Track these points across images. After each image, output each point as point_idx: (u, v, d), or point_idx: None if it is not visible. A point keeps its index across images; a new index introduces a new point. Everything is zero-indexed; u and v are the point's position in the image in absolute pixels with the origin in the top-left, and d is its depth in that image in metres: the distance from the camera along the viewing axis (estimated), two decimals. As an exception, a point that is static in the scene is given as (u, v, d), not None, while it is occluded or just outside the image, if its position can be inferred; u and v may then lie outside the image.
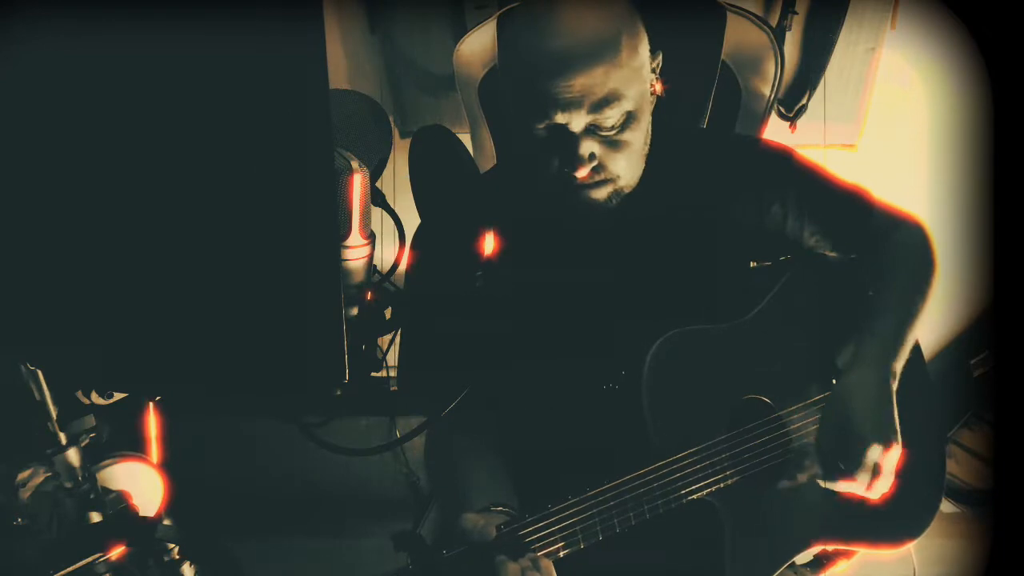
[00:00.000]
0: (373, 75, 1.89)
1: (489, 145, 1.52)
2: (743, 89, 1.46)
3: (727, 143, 1.28)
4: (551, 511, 0.99)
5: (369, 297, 1.01)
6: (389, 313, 1.14)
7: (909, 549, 1.20)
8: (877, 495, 1.08)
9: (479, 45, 1.45)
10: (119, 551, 0.95)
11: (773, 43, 1.42)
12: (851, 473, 1.05)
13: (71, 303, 0.78)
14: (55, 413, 0.93)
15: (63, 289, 0.77)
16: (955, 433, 2.12)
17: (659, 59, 1.09)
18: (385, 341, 1.30)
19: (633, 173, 1.09)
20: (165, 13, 0.63)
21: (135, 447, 1.15)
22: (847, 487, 1.07)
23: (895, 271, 1.19)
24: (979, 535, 1.44)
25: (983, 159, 1.80)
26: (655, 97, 1.10)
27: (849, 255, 1.22)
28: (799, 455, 1.15)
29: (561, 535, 0.99)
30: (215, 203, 0.70)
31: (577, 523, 1.00)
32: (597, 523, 1.01)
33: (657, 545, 1.07)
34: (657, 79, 1.09)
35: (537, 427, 1.18)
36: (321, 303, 0.74)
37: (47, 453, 0.94)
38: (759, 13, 1.56)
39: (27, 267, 0.77)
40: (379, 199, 1.15)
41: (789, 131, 1.85)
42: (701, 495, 1.07)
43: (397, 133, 1.90)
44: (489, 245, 1.11)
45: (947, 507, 2.08)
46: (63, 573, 0.92)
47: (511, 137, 1.36)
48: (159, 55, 0.64)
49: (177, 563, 1.04)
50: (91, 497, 0.97)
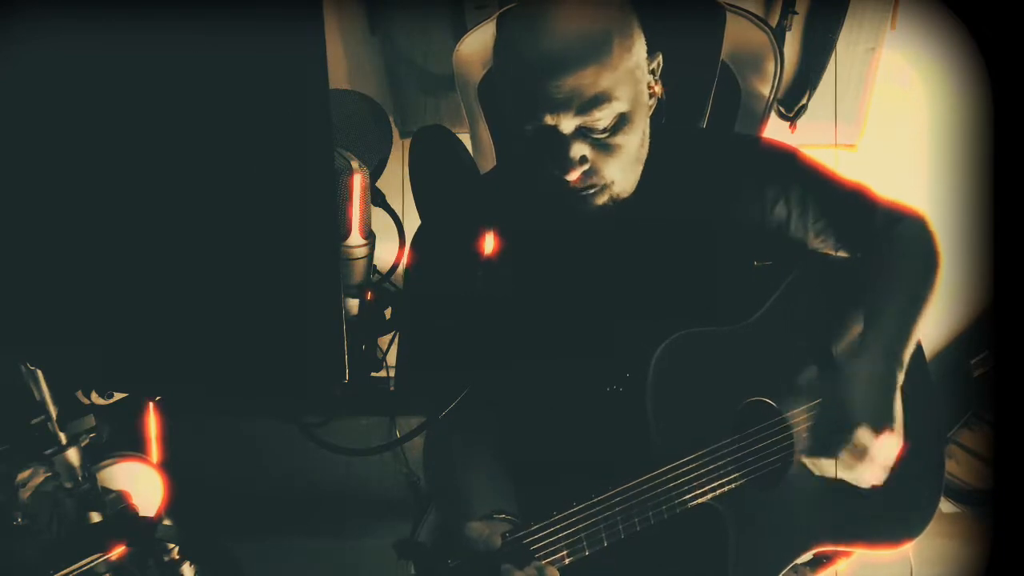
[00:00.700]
0: (373, 75, 1.89)
1: (489, 145, 1.52)
2: (743, 89, 1.46)
3: (728, 143, 1.28)
4: (556, 519, 0.98)
5: (369, 297, 1.01)
6: (389, 313, 1.14)
7: (907, 549, 1.20)
8: (863, 483, 1.07)
9: (479, 45, 1.45)
10: (119, 551, 0.96)
11: (773, 43, 1.42)
12: (835, 452, 1.04)
13: (71, 303, 0.78)
14: (55, 413, 0.93)
15: (63, 289, 0.77)
16: (955, 433, 2.12)
17: (658, 60, 1.08)
18: (385, 341, 1.30)
19: (628, 178, 1.07)
20: (165, 13, 0.63)
21: (135, 447, 1.15)
22: (830, 467, 1.06)
23: (900, 263, 1.18)
24: (979, 535, 1.43)
25: (983, 159, 1.80)
26: (655, 100, 1.09)
27: (854, 253, 1.22)
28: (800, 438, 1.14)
29: (566, 543, 0.98)
30: (215, 203, 0.70)
31: (582, 530, 0.99)
32: (602, 530, 1.00)
33: (660, 549, 1.07)
34: (656, 81, 1.08)
35: (539, 430, 1.18)
36: (321, 303, 0.74)
37: (47, 453, 0.94)
38: (759, 13, 1.56)
39: (27, 267, 0.77)
40: (379, 199, 1.15)
41: (789, 131, 1.85)
42: (705, 499, 1.07)
43: (397, 133, 1.90)
44: (489, 245, 1.11)
45: (947, 507, 2.08)
46: (63, 573, 0.92)
47: (506, 139, 1.36)
48: (159, 55, 0.64)
49: (177, 563, 1.04)
50: (91, 497, 0.97)
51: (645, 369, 1.08)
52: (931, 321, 1.15)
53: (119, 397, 1.02)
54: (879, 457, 1.04)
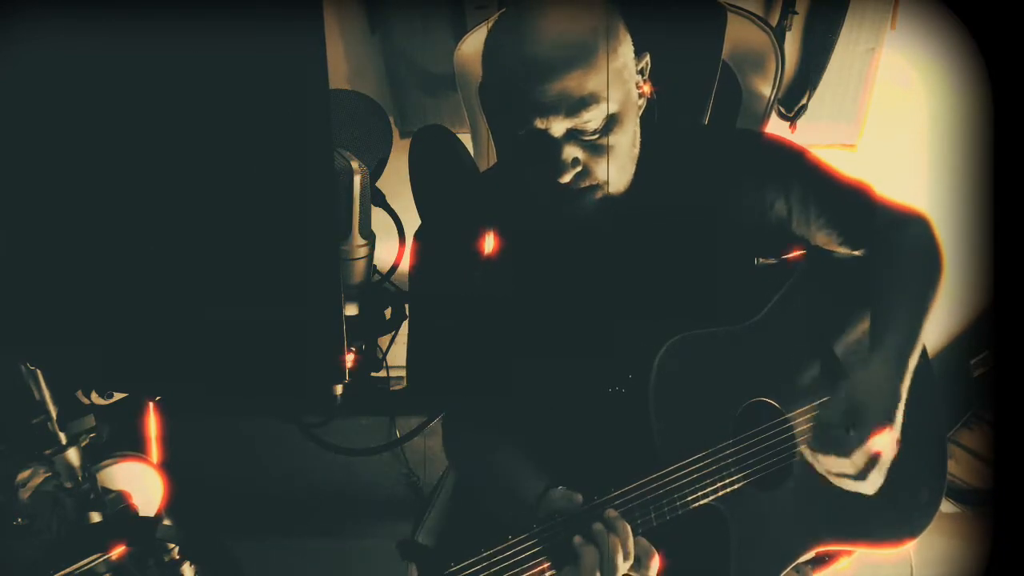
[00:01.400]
0: (373, 75, 1.89)
1: (489, 145, 1.52)
2: (743, 89, 1.46)
3: (728, 139, 1.28)
4: (558, 521, 0.98)
5: (369, 297, 1.01)
6: (389, 313, 1.14)
7: (908, 548, 1.20)
8: (866, 488, 1.07)
9: (479, 45, 1.45)
10: (119, 551, 0.96)
11: (773, 43, 1.42)
12: (847, 451, 1.03)
13: (71, 303, 0.78)
14: (55, 413, 0.93)
15: (63, 289, 0.77)
16: (955, 433, 2.12)
17: (645, 61, 1.09)
18: (385, 341, 1.30)
19: (621, 177, 1.08)
20: (165, 13, 0.63)
21: (135, 447, 1.15)
22: (836, 465, 1.06)
23: (906, 267, 1.18)
24: (979, 535, 1.43)
25: (983, 159, 1.80)
26: (644, 100, 1.09)
27: (857, 250, 1.22)
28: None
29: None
30: (215, 203, 0.70)
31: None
32: None
33: (662, 550, 1.06)
34: (644, 81, 1.08)
35: (540, 431, 1.18)
36: (321, 303, 0.74)
37: (47, 453, 0.94)
38: (759, 13, 1.56)
39: (27, 267, 0.77)
40: (379, 199, 1.15)
41: (789, 131, 1.85)
42: (708, 500, 1.07)
43: (397, 133, 1.90)
44: (489, 245, 1.11)
45: (947, 507, 2.07)
46: (63, 573, 0.92)
47: (502, 142, 1.36)
48: (159, 55, 0.64)
49: (177, 563, 1.05)
50: (91, 497, 0.97)
51: (647, 370, 1.08)
52: (931, 321, 1.15)
53: (119, 397, 1.02)
54: (875, 452, 1.04)
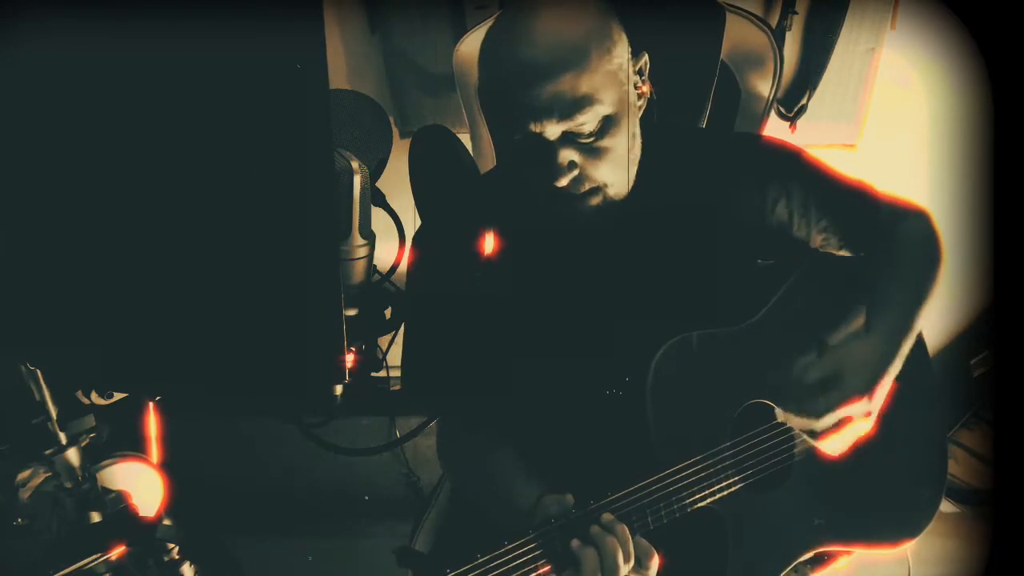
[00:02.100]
0: (373, 75, 1.89)
1: (489, 145, 1.52)
2: (742, 89, 1.46)
3: (729, 141, 1.28)
4: (555, 526, 0.98)
5: (369, 297, 1.01)
6: (389, 313, 1.14)
7: (906, 549, 1.20)
8: (828, 449, 1.08)
9: (478, 45, 1.45)
10: (119, 551, 0.96)
11: (773, 43, 1.42)
12: (820, 415, 1.04)
13: (71, 303, 0.78)
14: (55, 413, 0.93)
15: (63, 289, 0.77)
16: (955, 433, 2.12)
17: (643, 60, 1.08)
18: (385, 341, 1.30)
19: (620, 179, 1.07)
20: (165, 13, 0.63)
21: (135, 447, 1.15)
22: (807, 425, 1.06)
23: (904, 257, 1.18)
24: (978, 535, 1.43)
25: (983, 159, 1.80)
26: (644, 101, 1.09)
27: (857, 253, 1.22)
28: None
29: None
30: (215, 203, 0.70)
31: None
32: None
33: (659, 552, 1.06)
34: (643, 81, 1.08)
35: (538, 433, 1.18)
36: (321, 303, 0.74)
37: (47, 453, 0.94)
38: (759, 13, 1.56)
39: (27, 267, 0.77)
40: (379, 199, 1.15)
41: (789, 131, 1.85)
42: (706, 503, 1.07)
43: (397, 133, 1.90)
44: (489, 245, 1.11)
45: (947, 507, 2.07)
46: (63, 573, 0.92)
47: (499, 147, 1.36)
48: (159, 55, 0.64)
49: (177, 563, 1.05)
50: (91, 497, 0.97)
51: (645, 372, 1.07)
52: (931, 321, 1.15)
53: (119, 397, 1.02)
54: (854, 428, 1.05)
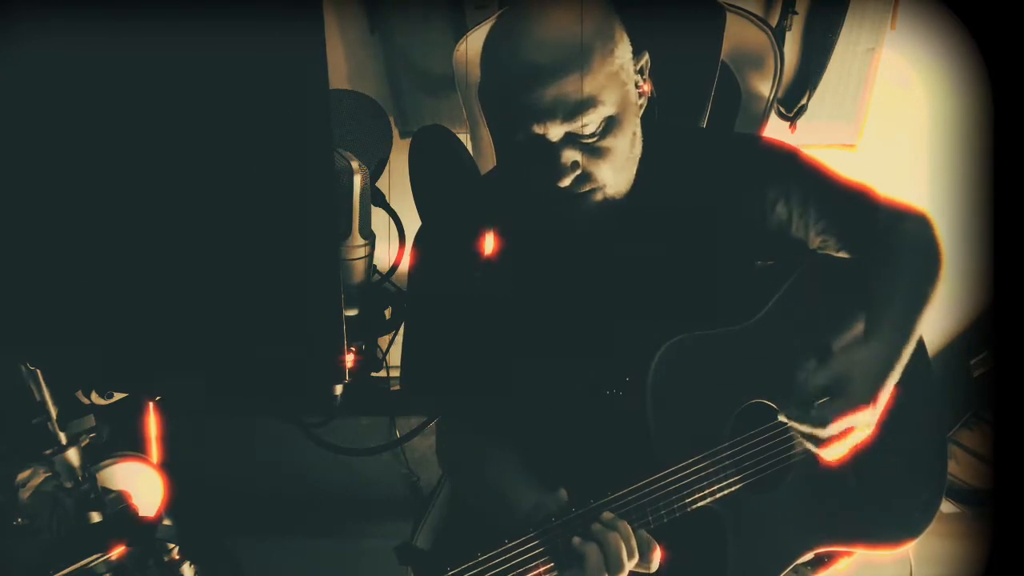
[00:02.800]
0: (373, 75, 1.89)
1: (489, 145, 1.52)
2: (743, 89, 1.45)
3: (729, 142, 1.28)
4: (556, 524, 0.98)
5: (369, 297, 1.01)
6: (389, 313, 1.14)
7: (907, 549, 1.20)
8: (827, 455, 1.07)
9: (479, 45, 1.45)
10: (119, 551, 0.96)
11: (773, 43, 1.42)
12: (825, 423, 1.03)
13: (71, 303, 0.78)
14: (55, 413, 0.93)
15: (63, 289, 0.77)
16: (955, 433, 2.12)
17: (644, 60, 1.08)
18: (385, 341, 1.30)
19: (621, 179, 1.07)
20: (165, 13, 0.63)
21: (135, 447, 1.15)
22: (810, 432, 1.06)
23: (903, 260, 1.18)
24: (979, 535, 1.43)
25: (983, 159, 1.80)
26: (645, 99, 1.09)
27: (856, 254, 1.22)
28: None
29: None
30: (215, 203, 0.70)
31: None
32: None
33: (662, 542, 1.06)
34: (644, 80, 1.08)
35: (538, 433, 1.18)
36: (321, 303, 0.74)
37: (47, 453, 0.94)
38: (759, 13, 1.56)
39: (27, 267, 0.77)
40: (379, 199, 1.16)
41: (789, 131, 1.85)
42: (705, 502, 1.07)
43: (397, 133, 1.90)
44: (489, 245, 1.11)
45: (947, 507, 2.07)
46: (63, 573, 0.92)
47: (500, 148, 1.36)
48: (159, 55, 0.64)
49: (177, 563, 1.05)
50: (91, 497, 0.97)
51: (645, 372, 1.08)
52: (931, 321, 1.15)
53: (119, 397, 1.02)
54: (856, 436, 1.05)
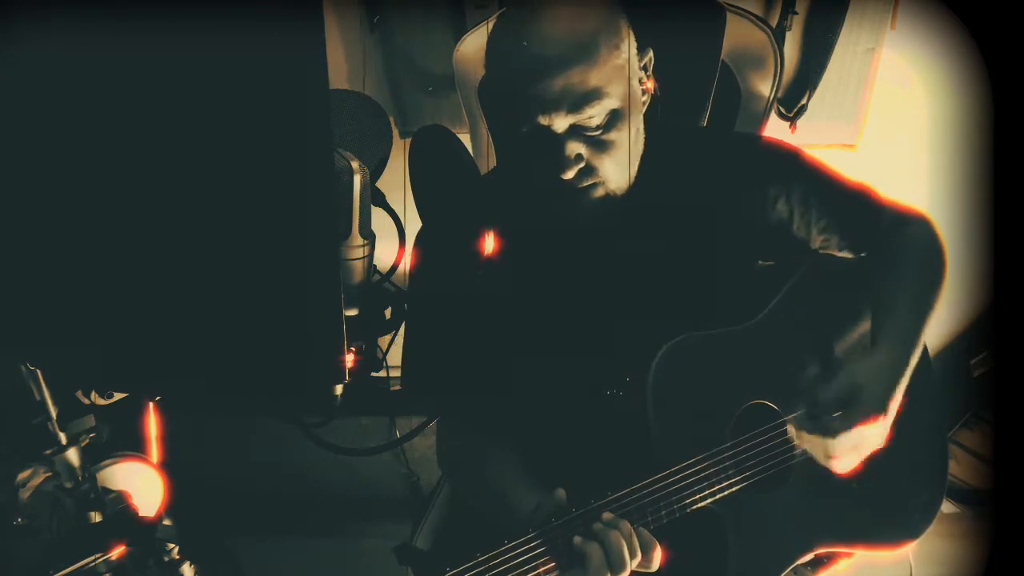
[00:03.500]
0: (373, 75, 1.89)
1: (489, 145, 1.52)
2: (743, 89, 1.45)
3: (730, 141, 1.28)
4: (556, 524, 0.98)
5: (369, 297, 1.01)
6: (389, 313, 1.14)
7: (907, 549, 1.20)
8: (840, 469, 1.06)
9: (479, 45, 1.45)
10: (119, 551, 0.96)
11: (773, 43, 1.42)
12: (835, 434, 1.02)
13: (71, 303, 0.78)
14: (55, 413, 0.93)
15: (63, 289, 0.77)
16: (955, 433, 2.12)
17: (649, 56, 1.08)
18: (385, 341, 1.30)
19: (623, 174, 1.08)
20: (165, 13, 0.63)
21: (135, 447, 1.15)
22: (819, 446, 1.04)
23: (907, 268, 1.17)
24: (979, 535, 1.43)
25: (983, 159, 1.80)
26: (648, 96, 1.09)
27: (858, 254, 1.22)
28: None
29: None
30: (215, 203, 0.70)
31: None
32: None
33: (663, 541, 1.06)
34: (648, 76, 1.08)
35: (538, 433, 1.18)
36: (321, 303, 0.74)
37: (47, 453, 0.94)
38: (759, 13, 1.56)
39: (27, 267, 0.77)
40: (379, 199, 1.16)
41: (789, 131, 1.85)
42: (706, 503, 1.07)
43: (397, 133, 1.90)
44: (489, 245, 1.11)
45: (947, 507, 2.07)
46: (63, 573, 0.92)
47: (503, 140, 1.36)
48: (159, 55, 0.64)
49: (177, 563, 1.05)
50: (91, 497, 0.97)
51: (645, 372, 1.07)
52: (932, 322, 1.15)
53: (119, 397, 1.02)
54: (868, 447, 1.04)
